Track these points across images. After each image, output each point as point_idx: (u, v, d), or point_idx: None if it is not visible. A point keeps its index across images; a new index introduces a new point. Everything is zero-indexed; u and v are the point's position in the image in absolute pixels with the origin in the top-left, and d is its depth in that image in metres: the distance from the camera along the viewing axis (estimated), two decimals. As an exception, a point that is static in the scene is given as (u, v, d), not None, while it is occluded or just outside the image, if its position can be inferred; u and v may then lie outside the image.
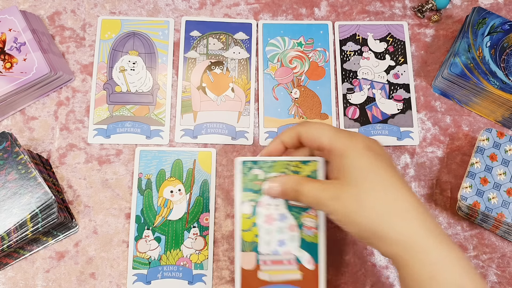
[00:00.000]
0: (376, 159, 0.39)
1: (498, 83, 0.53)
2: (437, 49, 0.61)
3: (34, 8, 0.61)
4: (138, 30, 0.60)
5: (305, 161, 0.47)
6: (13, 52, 0.54)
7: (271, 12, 0.62)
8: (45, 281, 0.52)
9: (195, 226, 0.53)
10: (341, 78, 0.59)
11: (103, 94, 0.58)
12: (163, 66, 0.59)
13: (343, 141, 0.40)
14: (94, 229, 0.53)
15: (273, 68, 0.60)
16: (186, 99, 0.58)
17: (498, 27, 0.56)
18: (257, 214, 0.48)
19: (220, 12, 0.62)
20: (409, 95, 0.59)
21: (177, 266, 0.52)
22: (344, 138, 0.40)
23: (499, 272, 0.53)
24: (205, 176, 0.55)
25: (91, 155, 0.56)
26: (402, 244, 0.37)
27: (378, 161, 0.39)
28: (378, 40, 0.61)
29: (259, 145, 0.57)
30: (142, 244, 0.53)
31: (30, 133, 0.56)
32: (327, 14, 0.62)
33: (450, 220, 0.54)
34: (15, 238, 0.46)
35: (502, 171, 0.51)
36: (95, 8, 0.61)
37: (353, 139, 0.40)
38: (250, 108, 0.58)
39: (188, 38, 0.60)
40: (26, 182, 0.47)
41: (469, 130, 0.58)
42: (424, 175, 0.56)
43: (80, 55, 0.60)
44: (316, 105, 0.58)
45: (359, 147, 0.39)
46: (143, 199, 0.54)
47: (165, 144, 0.56)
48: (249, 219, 0.48)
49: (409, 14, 0.62)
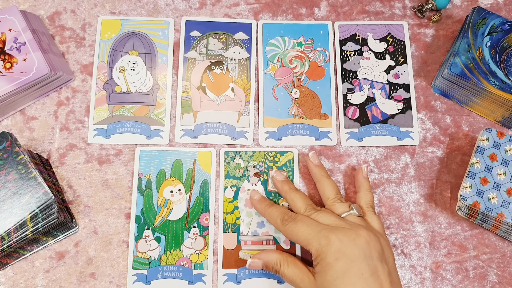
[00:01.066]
0: (345, 270, 0.42)
1: (498, 83, 0.53)
2: (437, 49, 0.61)
3: (34, 8, 0.61)
4: (138, 30, 0.60)
5: (282, 152, 0.54)
6: (13, 52, 0.54)
7: (271, 12, 0.62)
8: (45, 281, 0.52)
9: (195, 226, 0.53)
10: (341, 78, 0.59)
11: (103, 94, 0.58)
12: (163, 66, 0.59)
13: (317, 246, 0.44)
14: (94, 229, 0.53)
15: (273, 68, 0.60)
16: (186, 99, 0.58)
17: (498, 27, 0.56)
18: (239, 198, 0.54)
19: (220, 12, 0.62)
20: (409, 95, 0.59)
21: (177, 266, 0.52)
22: (317, 243, 0.44)
23: (499, 272, 0.53)
24: (205, 176, 0.55)
25: (91, 155, 0.56)
26: None
27: (347, 271, 0.42)
28: (378, 40, 0.61)
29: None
30: (142, 244, 0.53)
31: (30, 133, 0.56)
32: (327, 14, 0.62)
33: (450, 220, 0.54)
34: (15, 238, 0.46)
35: (502, 171, 0.51)
36: (95, 8, 0.61)
37: (327, 245, 0.43)
38: (250, 108, 0.58)
39: (188, 38, 0.60)
40: (26, 182, 0.47)
41: (469, 130, 0.58)
42: (424, 175, 0.56)
43: (80, 55, 0.60)
44: (316, 105, 0.58)
45: (331, 257, 0.43)
46: (143, 199, 0.54)
47: (165, 144, 0.56)
48: (231, 203, 0.53)
49: (409, 14, 0.62)
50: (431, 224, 0.54)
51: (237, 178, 0.55)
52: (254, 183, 0.55)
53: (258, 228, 0.53)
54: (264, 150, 0.55)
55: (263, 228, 0.53)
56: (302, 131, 0.57)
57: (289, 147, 0.56)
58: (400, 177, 0.56)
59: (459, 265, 0.53)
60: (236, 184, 0.55)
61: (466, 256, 0.53)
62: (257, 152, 0.55)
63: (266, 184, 0.55)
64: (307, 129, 0.57)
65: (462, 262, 0.53)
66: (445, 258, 0.53)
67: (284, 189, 0.52)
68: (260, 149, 0.55)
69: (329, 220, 0.46)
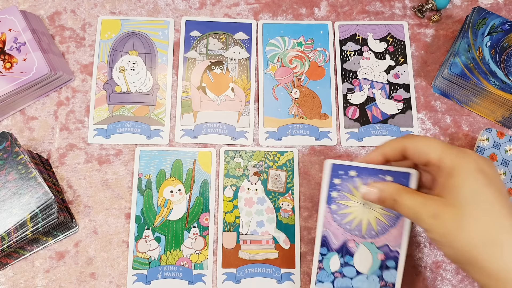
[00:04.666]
0: (487, 184, 0.37)
1: (498, 83, 0.53)
2: (437, 49, 0.61)
3: (34, 8, 0.61)
4: (138, 30, 0.60)
5: (282, 151, 0.54)
6: (13, 52, 0.54)
7: (271, 12, 0.62)
8: (45, 281, 0.52)
9: (195, 226, 0.53)
10: (341, 78, 0.59)
11: (103, 94, 0.58)
12: (163, 66, 0.59)
13: (454, 158, 0.38)
14: (94, 229, 0.53)
15: (273, 68, 0.60)
16: (186, 99, 0.58)
17: (498, 27, 0.56)
18: (238, 197, 0.54)
19: (220, 12, 0.62)
20: (409, 95, 0.59)
21: (177, 266, 0.52)
22: (455, 155, 0.38)
23: (499, 272, 0.53)
24: (205, 176, 0.55)
25: (91, 155, 0.56)
26: (495, 277, 0.36)
27: (488, 186, 0.37)
28: (378, 40, 0.61)
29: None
30: (142, 244, 0.53)
31: (30, 133, 0.56)
32: (327, 14, 0.62)
33: (450, 220, 0.54)
34: (15, 238, 0.46)
35: (502, 171, 0.51)
36: (95, 8, 0.61)
37: (465, 157, 0.38)
38: (250, 108, 0.58)
39: (188, 38, 0.60)
40: (26, 182, 0.47)
41: (469, 130, 0.58)
42: (424, 175, 0.56)
43: (80, 55, 0.60)
44: (316, 105, 0.58)
45: (471, 168, 0.37)
46: (143, 199, 0.54)
47: (165, 144, 0.56)
48: (231, 202, 0.54)
49: (409, 14, 0.62)
50: (431, 224, 0.54)
51: (236, 177, 0.55)
52: (254, 182, 0.55)
53: (258, 228, 0.53)
54: (264, 149, 0.55)
55: (263, 227, 0.53)
56: (302, 131, 0.57)
57: (289, 147, 0.57)
58: (400, 177, 0.56)
59: (459, 265, 0.53)
60: (235, 183, 0.55)
61: (466, 256, 0.53)
62: (257, 151, 0.55)
63: (265, 184, 0.55)
64: (307, 129, 0.57)
65: (462, 262, 0.53)
66: (445, 258, 0.53)
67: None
68: (260, 149, 0.55)
69: None
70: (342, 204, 0.45)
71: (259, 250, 0.52)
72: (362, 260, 0.46)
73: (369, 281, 0.46)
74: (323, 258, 0.46)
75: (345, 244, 0.46)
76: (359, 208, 0.45)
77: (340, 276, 0.46)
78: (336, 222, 0.45)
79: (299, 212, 0.54)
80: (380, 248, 0.45)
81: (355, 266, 0.46)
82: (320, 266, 0.46)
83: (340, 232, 0.46)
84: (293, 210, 0.54)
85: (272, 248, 0.53)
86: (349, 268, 0.46)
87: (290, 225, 0.53)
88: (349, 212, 0.45)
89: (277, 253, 0.53)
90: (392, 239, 0.45)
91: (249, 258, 0.52)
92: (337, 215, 0.45)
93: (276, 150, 0.55)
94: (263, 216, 0.54)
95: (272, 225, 0.53)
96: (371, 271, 0.46)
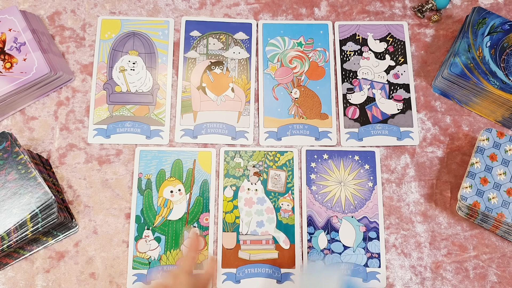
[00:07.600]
0: None
1: (498, 83, 0.53)
2: (437, 49, 0.61)
3: (34, 8, 0.61)
4: (138, 30, 0.60)
5: (282, 151, 0.55)
6: (13, 52, 0.54)
7: (271, 12, 0.62)
8: (45, 281, 0.52)
9: (195, 226, 0.53)
10: (341, 78, 0.59)
11: (103, 94, 0.58)
12: (163, 66, 0.59)
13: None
14: (94, 229, 0.53)
15: (273, 68, 0.60)
16: (186, 99, 0.58)
17: (498, 27, 0.56)
18: (238, 197, 0.54)
19: (220, 12, 0.62)
20: (409, 95, 0.59)
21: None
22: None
23: (499, 272, 0.53)
24: (205, 176, 0.55)
25: (91, 155, 0.56)
26: None
27: None
28: (378, 40, 0.61)
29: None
30: (142, 244, 0.53)
31: (30, 133, 0.56)
32: (327, 14, 0.62)
33: (450, 220, 0.54)
34: (15, 238, 0.46)
35: (502, 171, 0.51)
36: (95, 8, 0.61)
37: None
38: (250, 108, 0.58)
39: (188, 38, 0.60)
40: (26, 182, 0.47)
41: (469, 130, 0.58)
42: (424, 175, 0.56)
43: (80, 55, 0.60)
44: (316, 105, 0.58)
45: None
46: (143, 199, 0.54)
47: (165, 144, 0.56)
48: (231, 202, 0.54)
49: (409, 14, 0.62)
50: (431, 224, 0.54)
51: (236, 177, 0.55)
52: (254, 182, 0.55)
53: (258, 228, 0.53)
54: (264, 149, 0.55)
55: (263, 227, 0.53)
56: (302, 131, 0.57)
57: (289, 147, 0.57)
58: (400, 177, 0.56)
59: (459, 265, 0.53)
60: (235, 183, 0.55)
61: (466, 256, 0.53)
62: (257, 151, 0.55)
63: (265, 184, 0.55)
64: (307, 129, 0.57)
65: (462, 262, 0.53)
66: (445, 258, 0.53)
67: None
68: (260, 149, 0.55)
69: None
70: (321, 185, 0.52)
71: (259, 250, 0.52)
72: (347, 234, 0.52)
73: (356, 254, 0.52)
74: (311, 237, 0.52)
75: (329, 221, 0.52)
76: (335, 187, 0.53)
77: (330, 253, 0.52)
78: (318, 202, 0.52)
79: (299, 212, 0.54)
80: (360, 220, 0.53)
81: (341, 240, 0.52)
82: (310, 245, 0.52)
83: (323, 210, 0.52)
84: (293, 210, 0.54)
85: (272, 248, 0.53)
86: (336, 243, 0.52)
87: (290, 225, 0.53)
88: (328, 191, 0.53)
89: (277, 253, 0.53)
90: (369, 211, 0.53)
91: (249, 258, 0.52)
92: (318, 194, 0.52)
93: (276, 150, 0.56)
94: (263, 216, 0.54)
95: (272, 225, 0.53)
96: (357, 244, 0.52)
